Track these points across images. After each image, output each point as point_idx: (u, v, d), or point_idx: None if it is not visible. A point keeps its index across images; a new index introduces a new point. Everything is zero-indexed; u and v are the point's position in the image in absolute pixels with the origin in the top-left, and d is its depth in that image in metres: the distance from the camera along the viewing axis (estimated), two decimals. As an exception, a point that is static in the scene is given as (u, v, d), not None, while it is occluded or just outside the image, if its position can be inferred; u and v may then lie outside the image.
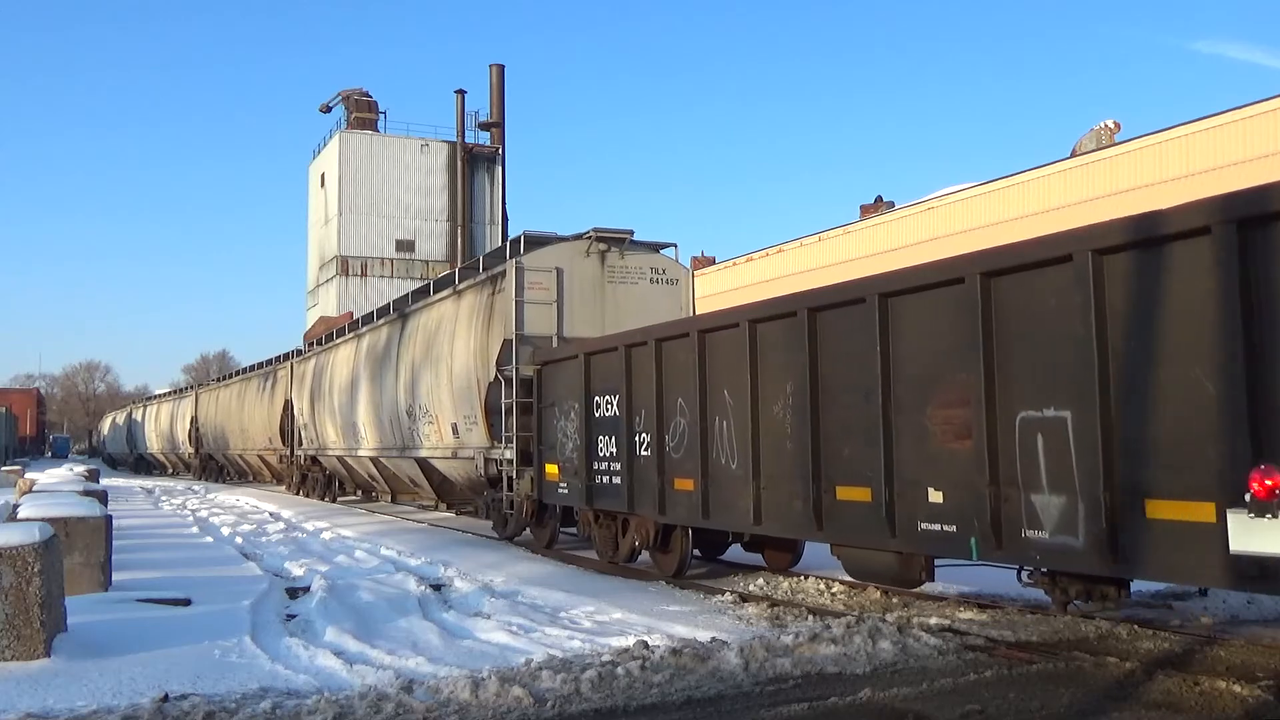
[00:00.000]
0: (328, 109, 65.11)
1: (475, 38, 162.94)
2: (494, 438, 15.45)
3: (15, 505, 12.71)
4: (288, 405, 30.80)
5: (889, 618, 8.53)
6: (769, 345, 9.48)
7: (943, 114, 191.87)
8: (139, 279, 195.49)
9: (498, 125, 63.38)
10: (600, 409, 12.47)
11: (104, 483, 23.62)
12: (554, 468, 13.67)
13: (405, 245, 61.86)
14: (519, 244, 16.04)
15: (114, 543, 10.94)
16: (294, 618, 9.66)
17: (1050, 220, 24.23)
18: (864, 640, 7.60)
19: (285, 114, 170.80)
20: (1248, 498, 5.52)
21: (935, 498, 7.68)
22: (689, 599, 10.38)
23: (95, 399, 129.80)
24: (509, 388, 14.80)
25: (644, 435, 11.46)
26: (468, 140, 62.70)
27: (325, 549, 16.20)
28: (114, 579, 10.52)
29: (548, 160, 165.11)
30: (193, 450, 46.39)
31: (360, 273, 61.02)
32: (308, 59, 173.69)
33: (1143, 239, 6.36)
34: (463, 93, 62.90)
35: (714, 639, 7.81)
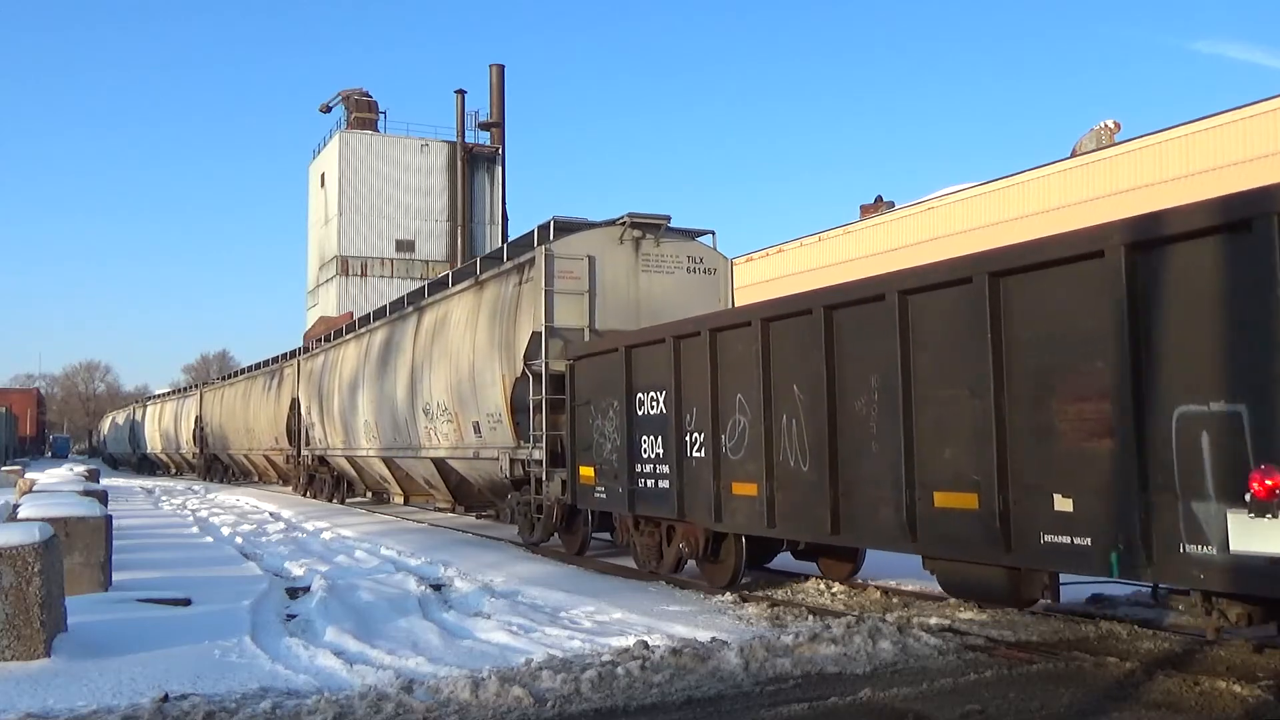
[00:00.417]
0: (328, 109, 65.20)
1: (475, 38, 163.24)
2: (520, 437, 14.58)
3: (15, 505, 12.71)
4: (294, 404, 30.04)
5: (889, 618, 8.54)
6: (848, 334, 8.54)
7: (943, 114, 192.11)
8: (139, 279, 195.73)
9: (498, 125, 63.41)
10: (644, 407, 11.51)
11: (104, 483, 23.62)
12: (589, 470, 12.77)
13: (405, 245, 61.88)
14: (548, 230, 14.87)
15: (114, 543, 10.94)
16: (294, 618, 9.66)
17: (1050, 220, 24.24)
18: (864, 640, 7.60)
19: (285, 114, 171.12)
20: (1248, 498, 5.53)
21: (1063, 506, 6.72)
22: (689, 599, 10.38)
23: (95, 399, 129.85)
24: (537, 384, 13.87)
25: (696, 435, 10.54)
26: (468, 140, 62.74)
27: (325, 549, 16.20)
28: (114, 579, 10.51)
29: (548, 160, 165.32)
30: (197, 450, 45.90)
31: (360, 273, 61.05)
32: (308, 59, 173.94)
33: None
34: (463, 93, 63.01)
35: (714, 639, 7.81)
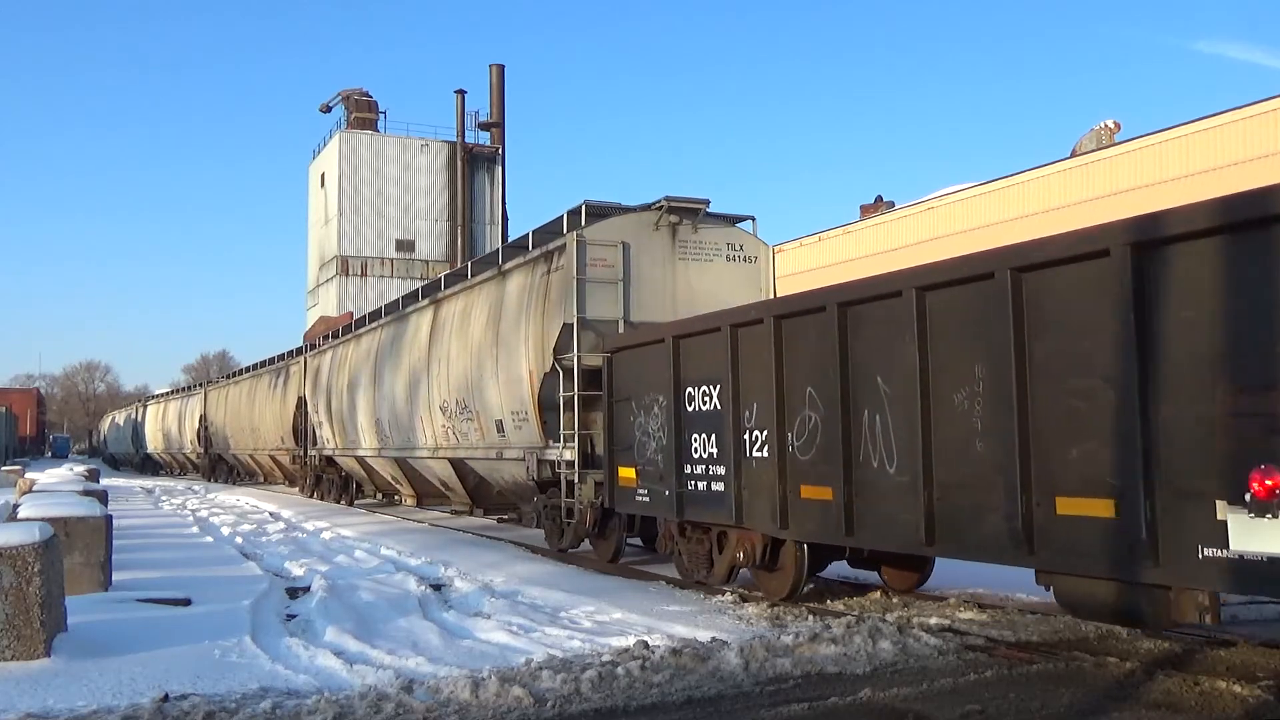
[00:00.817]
0: (328, 109, 65.28)
1: (475, 38, 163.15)
2: (548, 436, 13.77)
3: (15, 505, 12.71)
4: (301, 403, 29.22)
5: (889, 618, 8.54)
6: (947, 318, 7.59)
7: (943, 114, 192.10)
8: (139, 279, 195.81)
9: (498, 125, 63.47)
10: (694, 402, 10.60)
11: (104, 483, 23.62)
12: (630, 471, 11.87)
13: (405, 245, 61.94)
14: (578, 215, 13.92)
15: (114, 542, 10.93)
16: (294, 618, 9.66)
17: (1051, 220, 24.23)
18: (864, 640, 7.60)
19: (285, 114, 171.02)
20: (1247, 498, 5.53)
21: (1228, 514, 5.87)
22: (689, 599, 10.37)
23: (95, 399, 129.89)
24: (568, 379, 13.07)
25: (757, 433, 9.62)
26: (468, 140, 62.84)
27: (325, 549, 16.20)
28: (114, 579, 10.51)
29: (548, 160, 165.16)
30: (201, 450, 45.32)
31: (360, 273, 61.09)
32: (308, 59, 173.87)
33: None
34: (463, 93, 63.11)
35: (714, 639, 7.81)
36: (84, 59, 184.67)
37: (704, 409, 10.46)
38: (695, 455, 10.59)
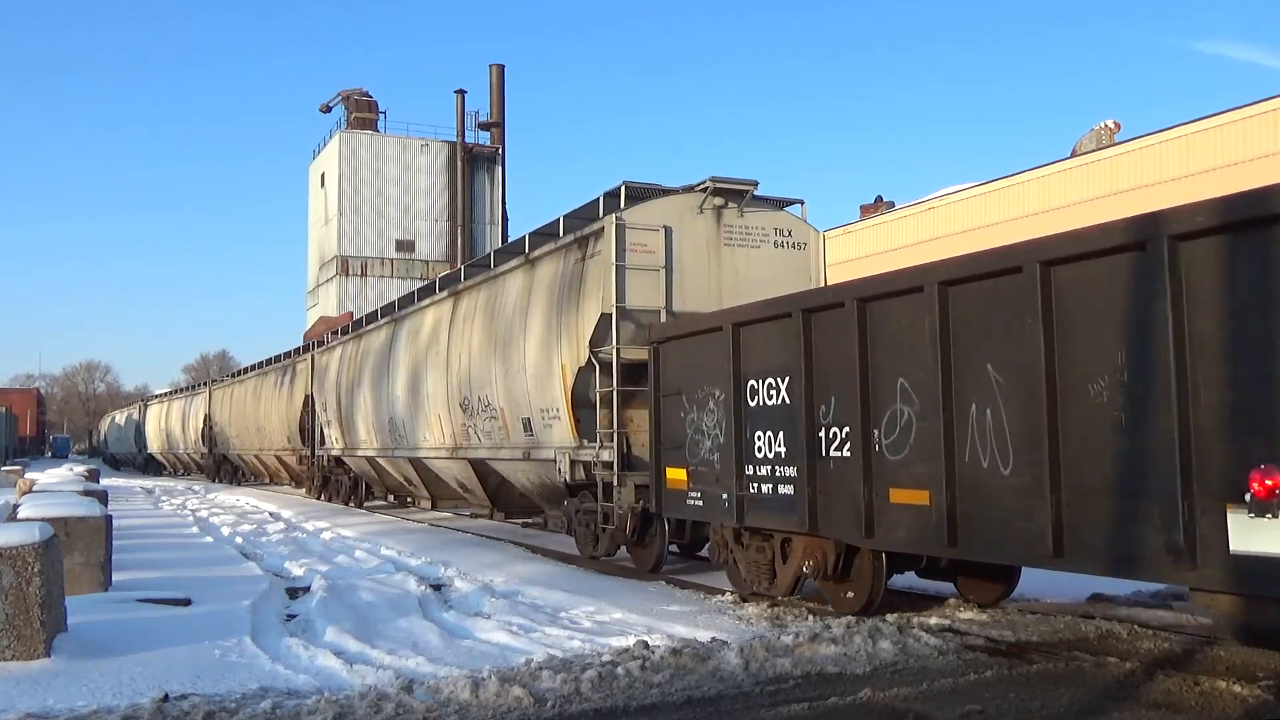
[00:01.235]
0: (328, 109, 65.29)
1: (475, 38, 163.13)
2: (582, 435, 12.76)
3: (15, 505, 12.71)
4: (308, 401, 28.23)
5: (889, 618, 8.53)
6: (1077, 298, 6.67)
7: (943, 114, 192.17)
8: (139, 279, 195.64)
9: (498, 125, 63.49)
10: (758, 396, 9.66)
11: (104, 483, 23.62)
12: (680, 472, 10.88)
13: (405, 245, 61.96)
14: (616, 197, 12.92)
15: (114, 543, 10.94)
16: (294, 618, 9.66)
17: (1051, 220, 24.23)
18: (864, 640, 7.61)
19: (285, 114, 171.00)
20: (1247, 498, 5.52)
21: None
22: (689, 599, 10.37)
23: (95, 399, 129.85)
24: (606, 374, 12.16)
25: (835, 430, 8.69)
26: (468, 140, 62.86)
27: (325, 549, 16.20)
28: (114, 579, 10.51)
29: (548, 160, 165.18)
30: (205, 450, 44.60)
31: (360, 273, 61.12)
32: (308, 59, 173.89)
33: None
34: (463, 93, 63.13)
35: (714, 639, 7.82)
36: (84, 59, 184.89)
37: (769, 403, 9.53)
38: (759, 455, 9.67)
